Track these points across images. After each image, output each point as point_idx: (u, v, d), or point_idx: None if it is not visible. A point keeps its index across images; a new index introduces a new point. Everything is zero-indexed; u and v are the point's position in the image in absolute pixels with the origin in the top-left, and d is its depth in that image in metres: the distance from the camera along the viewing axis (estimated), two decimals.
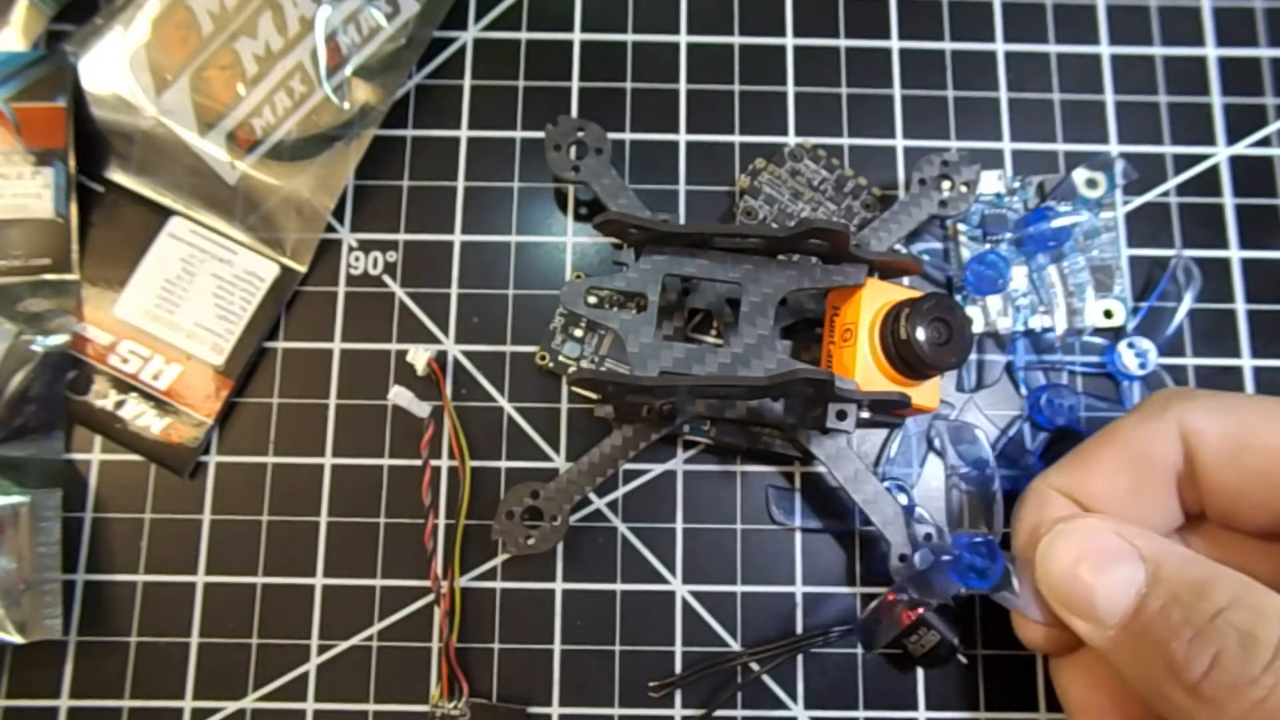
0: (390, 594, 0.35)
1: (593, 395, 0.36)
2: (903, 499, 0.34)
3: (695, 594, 0.35)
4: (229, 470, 0.36)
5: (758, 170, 0.37)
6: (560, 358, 0.36)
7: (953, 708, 0.34)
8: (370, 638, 0.35)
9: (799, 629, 0.35)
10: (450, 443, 0.36)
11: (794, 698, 0.34)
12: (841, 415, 0.31)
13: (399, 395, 0.35)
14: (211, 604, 0.35)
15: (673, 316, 0.36)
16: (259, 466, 0.36)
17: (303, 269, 0.37)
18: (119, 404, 0.36)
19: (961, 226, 0.36)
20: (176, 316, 0.36)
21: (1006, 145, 0.39)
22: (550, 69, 0.39)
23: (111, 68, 0.36)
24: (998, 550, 0.30)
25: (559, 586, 0.35)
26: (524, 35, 0.39)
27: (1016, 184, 0.36)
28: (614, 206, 0.34)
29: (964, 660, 0.34)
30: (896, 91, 0.39)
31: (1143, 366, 0.35)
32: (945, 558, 0.31)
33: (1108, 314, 0.36)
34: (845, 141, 0.39)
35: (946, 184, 0.36)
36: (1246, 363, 0.37)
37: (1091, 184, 0.35)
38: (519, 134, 0.39)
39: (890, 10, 0.40)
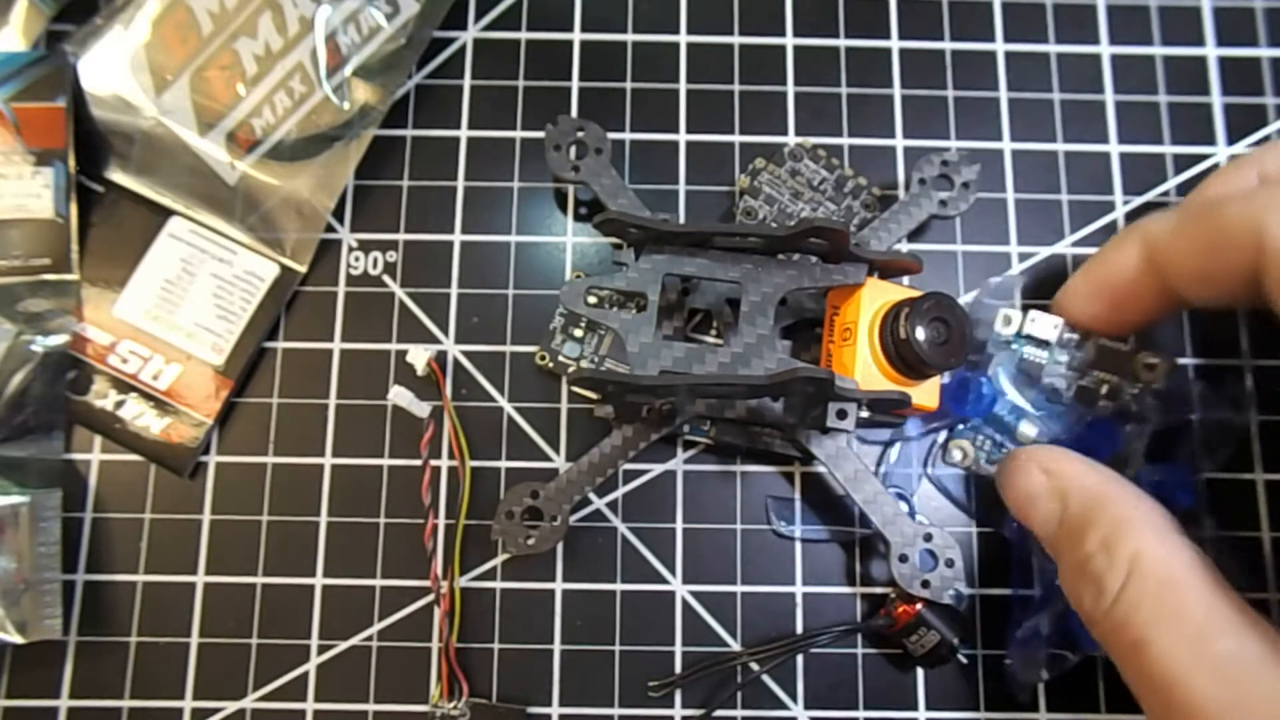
0: (390, 594, 0.35)
1: (593, 395, 0.36)
2: (903, 507, 0.34)
3: (695, 594, 0.35)
4: (229, 470, 0.36)
5: (758, 170, 0.37)
6: (560, 358, 0.36)
7: (953, 708, 0.34)
8: (370, 638, 0.35)
9: (799, 629, 0.35)
10: (450, 443, 0.36)
11: (794, 698, 0.34)
12: (841, 414, 0.31)
13: (399, 395, 0.35)
14: (211, 604, 0.35)
15: (673, 316, 0.36)
16: (259, 466, 0.36)
17: (303, 269, 0.37)
18: (119, 404, 0.36)
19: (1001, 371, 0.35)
20: (176, 316, 0.36)
21: (1006, 145, 0.39)
22: (550, 69, 0.39)
23: (111, 68, 0.36)
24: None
25: (559, 586, 0.35)
26: (524, 35, 0.39)
27: (1073, 338, 0.33)
28: (613, 206, 0.34)
29: (964, 660, 0.34)
30: (896, 91, 0.39)
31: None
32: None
33: None
34: (845, 141, 0.39)
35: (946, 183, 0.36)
36: (1246, 362, 0.37)
37: (1007, 321, 0.34)
38: (519, 134, 0.39)
39: (890, 10, 0.40)
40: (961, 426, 0.35)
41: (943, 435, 0.35)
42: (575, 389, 0.36)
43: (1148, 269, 0.31)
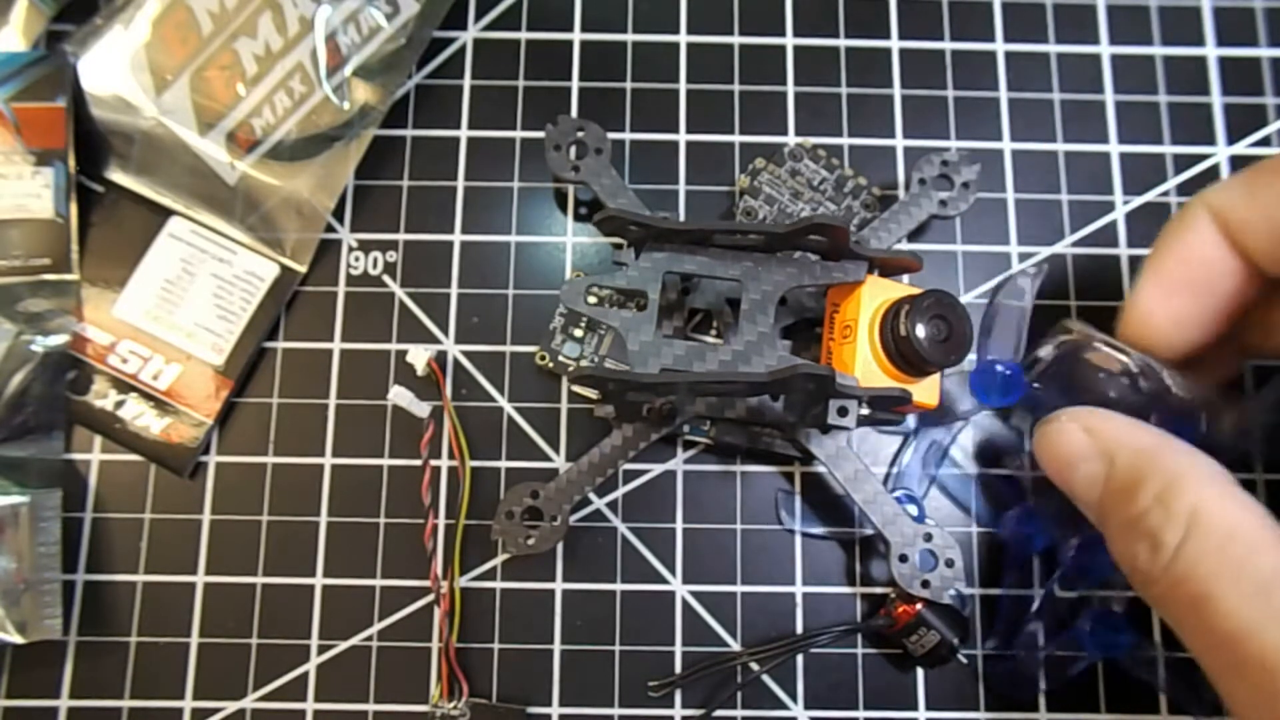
0: (390, 594, 0.35)
1: (593, 394, 0.36)
2: (913, 510, 0.34)
3: (695, 594, 0.35)
4: (229, 470, 0.36)
5: (757, 170, 0.37)
6: (560, 358, 0.36)
7: (953, 708, 0.34)
8: (370, 638, 0.35)
9: (799, 629, 0.35)
10: (450, 443, 0.36)
11: (794, 698, 0.34)
12: (842, 412, 0.31)
13: (399, 395, 0.35)
14: (211, 604, 0.35)
15: (673, 316, 0.36)
16: (259, 466, 0.36)
17: (303, 269, 0.37)
18: (119, 404, 0.36)
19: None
20: (176, 316, 0.36)
21: (1006, 145, 0.39)
22: (550, 69, 0.39)
23: (111, 68, 0.36)
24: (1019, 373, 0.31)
25: (559, 586, 0.35)
26: (524, 35, 0.40)
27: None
28: (613, 206, 0.34)
29: (964, 660, 0.34)
30: (896, 91, 0.39)
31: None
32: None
33: None
34: (845, 141, 0.39)
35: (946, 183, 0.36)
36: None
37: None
38: (519, 134, 0.39)
39: (890, 10, 0.40)
40: None
41: (954, 432, 0.36)
42: (575, 389, 0.36)
43: (1223, 242, 0.29)
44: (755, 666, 0.34)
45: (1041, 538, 0.34)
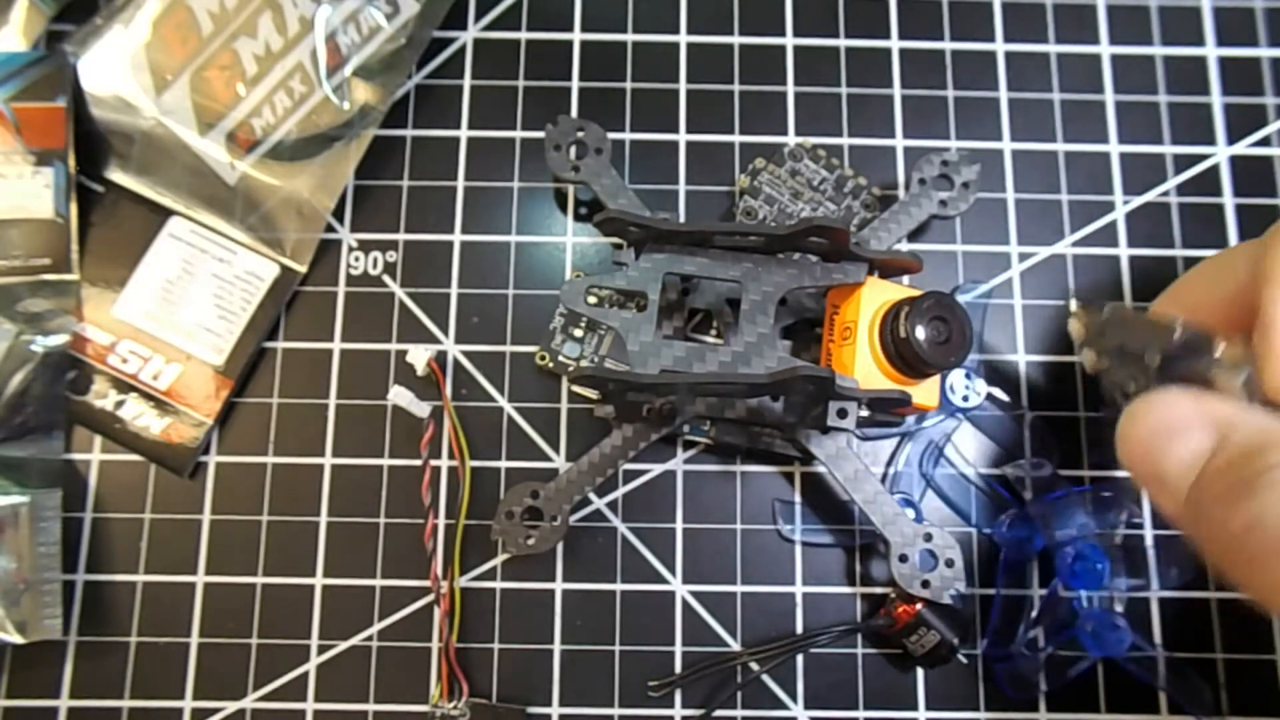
0: (390, 594, 0.35)
1: (593, 394, 0.36)
2: (910, 514, 0.34)
3: (695, 594, 0.35)
4: (229, 470, 0.36)
5: (757, 170, 0.37)
6: (560, 358, 0.36)
7: (953, 708, 0.34)
8: (370, 638, 0.35)
9: (799, 629, 0.35)
10: (450, 443, 0.36)
11: (794, 698, 0.34)
12: (842, 413, 0.31)
13: (399, 395, 0.35)
14: (211, 604, 0.35)
15: (673, 316, 0.36)
16: (259, 466, 0.36)
17: (303, 269, 0.37)
18: (119, 404, 0.36)
19: None
20: (176, 316, 0.36)
21: (1006, 145, 0.39)
22: (550, 69, 0.39)
23: (111, 68, 0.36)
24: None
25: (559, 586, 0.35)
26: (524, 35, 0.39)
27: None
28: (613, 206, 0.34)
29: (964, 660, 0.34)
30: (896, 91, 0.39)
31: (966, 400, 0.35)
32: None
33: None
34: (845, 141, 0.39)
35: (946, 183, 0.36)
36: None
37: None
38: (519, 134, 0.39)
39: (890, 10, 0.40)
40: None
41: (947, 429, 0.36)
42: (575, 389, 0.36)
43: None
44: (755, 666, 0.34)
45: (1039, 539, 0.34)
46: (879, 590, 0.35)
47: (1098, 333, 0.30)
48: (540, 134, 0.36)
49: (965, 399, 0.35)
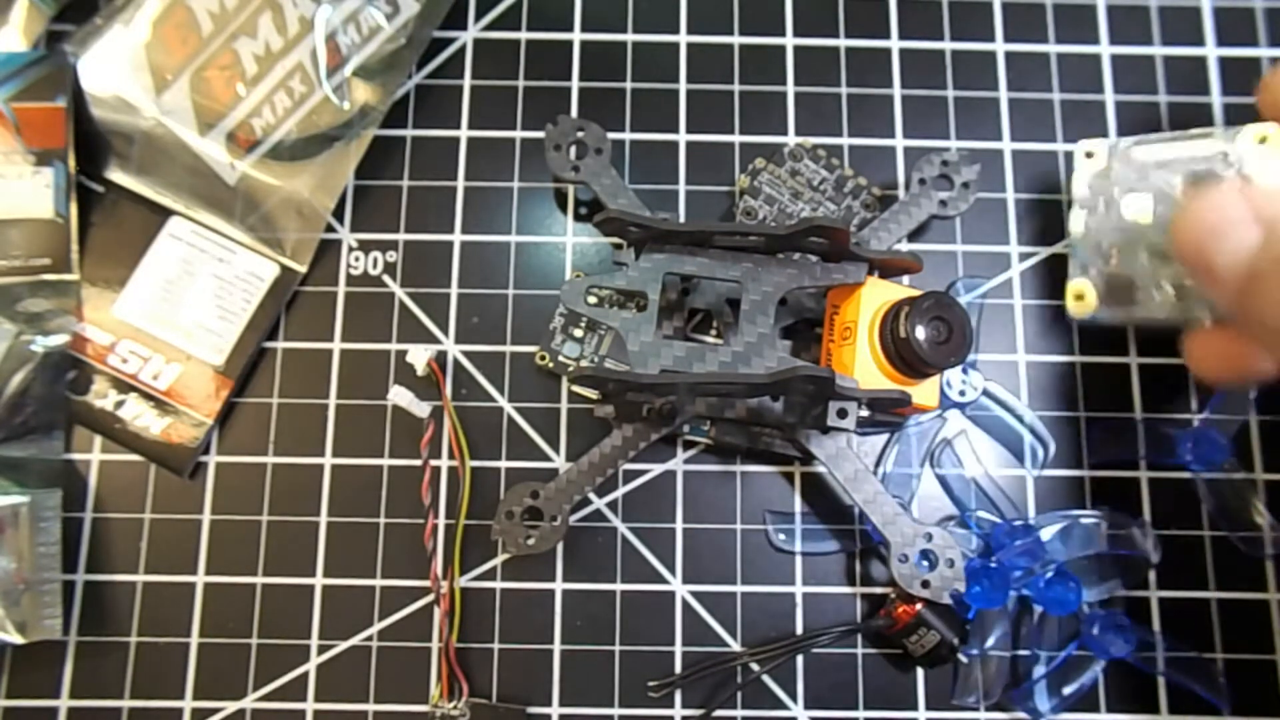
0: (390, 594, 0.35)
1: (593, 394, 0.36)
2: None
3: (695, 594, 0.35)
4: (229, 470, 0.36)
5: (757, 170, 0.37)
6: (560, 358, 0.36)
7: (953, 708, 0.34)
8: (370, 638, 0.35)
9: (799, 629, 0.35)
10: (450, 443, 0.36)
11: (794, 698, 0.34)
12: (842, 413, 0.31)
13: (399, 395, 0.35)
14: (211, 604, 0.35)
15: (673, 316, 0.36)
16: (259, 466, 0.36)
17: (303, 269, 0.37)
18: (119, 404, 0.36)
19: None
20: (176, 316, 0.36)
21: (1006, 145, 0.39)
22: (550, 69, 0.39)
23: (111, 68, 0.36)
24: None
25: (559, 586, 0.35)
26: (524, 35, 0.39)
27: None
28: (613, 206, 0.34)
29: (964, 660, 0.34)
30: (896, 91, 0.39)
31: (963, 394, 0.35)
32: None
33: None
34: (845, 141, 0.39)
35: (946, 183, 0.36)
36: None
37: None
38: (519, 134, 0.39)
39: (890, 10, 0.40)
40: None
41: (945, 430, 0.36)
42: (575, 389, 0.36)
43: None
44: (755, 667, 0.34)
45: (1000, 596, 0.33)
46: (879, 590, 0.35)
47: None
48: (540, 134, 0.36)
49: (962, 394, 0.35)
